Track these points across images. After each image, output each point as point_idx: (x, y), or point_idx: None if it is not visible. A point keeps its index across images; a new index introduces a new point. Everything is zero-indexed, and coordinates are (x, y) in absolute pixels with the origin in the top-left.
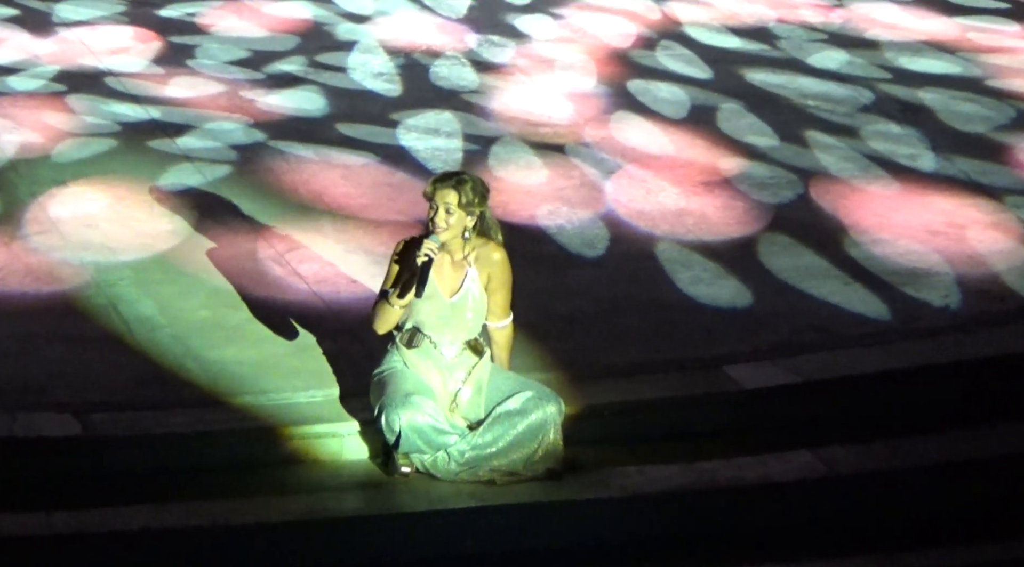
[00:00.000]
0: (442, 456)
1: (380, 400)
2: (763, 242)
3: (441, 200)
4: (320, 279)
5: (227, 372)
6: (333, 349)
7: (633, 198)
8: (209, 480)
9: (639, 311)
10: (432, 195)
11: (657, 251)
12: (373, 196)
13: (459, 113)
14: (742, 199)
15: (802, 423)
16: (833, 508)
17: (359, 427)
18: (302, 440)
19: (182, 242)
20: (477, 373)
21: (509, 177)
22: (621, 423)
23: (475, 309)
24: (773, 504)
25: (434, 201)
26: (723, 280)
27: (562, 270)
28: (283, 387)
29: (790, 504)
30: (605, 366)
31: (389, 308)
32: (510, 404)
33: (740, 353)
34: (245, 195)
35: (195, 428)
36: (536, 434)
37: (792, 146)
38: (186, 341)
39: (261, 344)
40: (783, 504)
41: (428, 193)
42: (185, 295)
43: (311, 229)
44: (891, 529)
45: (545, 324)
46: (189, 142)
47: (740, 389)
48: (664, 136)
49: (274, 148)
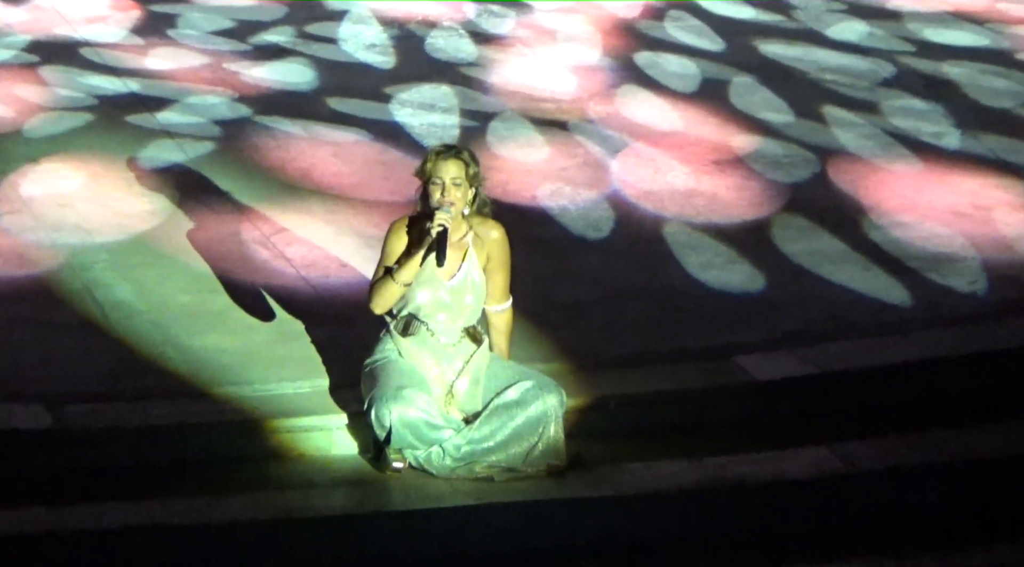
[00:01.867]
0: (437, 451)
1: (371, 393)
2: (778, 224)
3: (445, 174)
4: (308, 263)
5: (209, 361)
6: (322, 337)
7: (640, 178)
8: (190, 475)
9: (646, 297)
10: (433, 171)
11: (665, 234)
12: (365, 175)
13: (456, 87)
14: (756, 179)
15: (818, 416)
16: (850, 506)
17: (349, 420)
18: (288, 434)
19: (162, 223)
20: (475, 362)
21: (509, 155)
22: (627, 416)
23: (475, 292)
24: (787, 502)
25: (435, 177)
26: (735, 265)
27: (565, 254)
28: (268, 377)
29: (805, 502)
30: (610, 355)
31: (391, 285)
32: (509, 395)
33: (753, 342)
34: (229, 173)
35: (175, 420)
36: (536, 427)
37: (809, 122)
38: (166, 328)
39: (245, 332)
40: (797, 502)
41: (428, 169)
42: (165, 279)
43: (299, 210)
44: (911, 529)
45: (546, 311)
46: (170, 117)
47: (752, 380)
48: (673, 112)
49: (260, 124)
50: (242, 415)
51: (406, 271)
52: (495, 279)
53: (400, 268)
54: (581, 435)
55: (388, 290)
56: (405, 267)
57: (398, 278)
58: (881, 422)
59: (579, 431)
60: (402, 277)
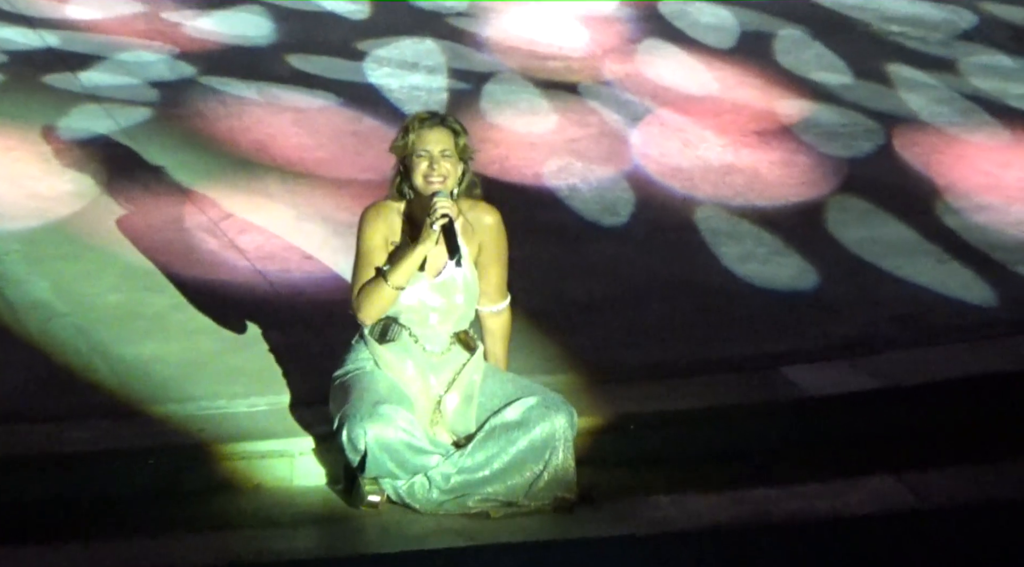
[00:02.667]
0: (421, 482)
1: (342, 410)
2: (833, 208)
3: (433, 145)
4: (265, 254)
5: (144, 374)
6: (282, 344)
7: (666, 152)
8: (120, 513)
9: (673, 296)
10: (416, 142)
11: (697, 220)
12: (333, 148)
13: (443, 42)
14: (806, 153)
15: (883, 440)
16: (923, 547)
17: (315, 444)
18: (242, 461)
19: (86, 207)
20: (467, 374)
21: (508, 125)
22: (650, 439)
23: (466, 290)
24: (846, 543)
25: (420, 149)
26: (781, 257)
27: (575, 244)
28: (217, 393)
29: (867, 543)
30: (629, 366)
31: (384, 289)
32: (508, 414)
33: (803, 350)
34: (168, 147)
35: (102, 446)
36: (541, 453)
37: (871, 84)
38: (92, 333)
39: (189, 338)
40: (858, 543)
41: (410, 141)
42: (91, 275)
43: (254, 190)
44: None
45: (553, 313)
46: (96, 78)
47: (803, 396)
48: (707, 72)
49: (206, 86)
50: (185, 439)
51: (400, 272)
52: (489, 274)
53: (393, 269)
54: (595, 463)
55: (381, 296)
56: (399, 268)
57: (392, 280)
58: (960, 447)
59: (593, 458)
60: (396, 280)
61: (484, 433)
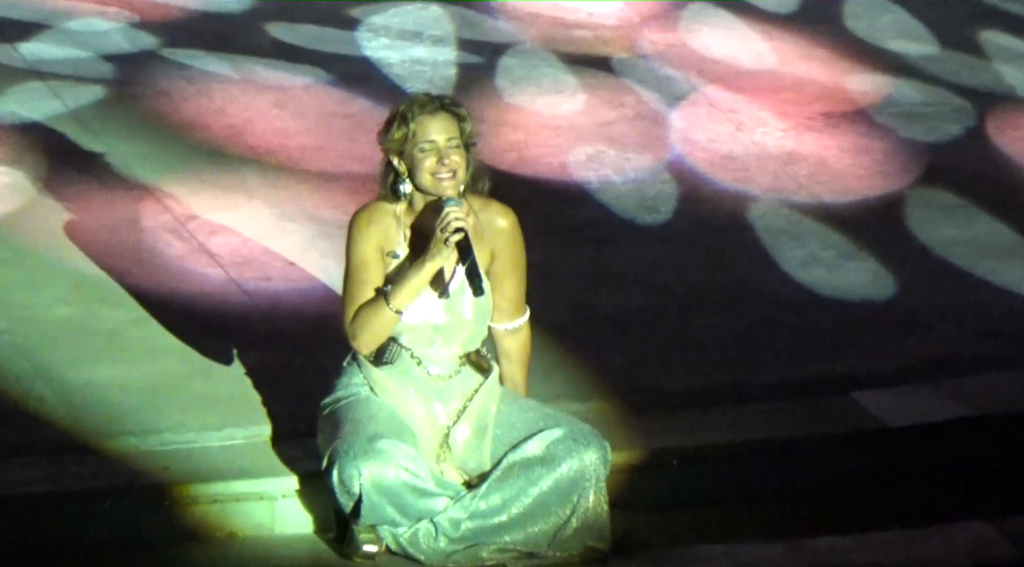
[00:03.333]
0: (426, 529)
1: (332, 445)
2: (913, 202)
3: (439, 134)
4: (241, 259)
5: (98, 402)
6: (261, 365)
7: (715, 137)
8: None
9: (724, 308)
10: (419, 131)
11: (752, 217)
12: (321, 134)
13: (452, 7)
14: (881, 137)
15: (973, 479)
16: None
17: (300, 485)
18: (214, 505)
19: (28, 204)
20: (480, 402)
21: (528, 105)
22: (697, 478)
23: (476, 306)
24: None
25: (423, 139)
26: (852, 261)
27: (607, 247)
28: (185, 424)
29: None
30: (671, 392)
31: (385, 313)
32: (529, 449)
33: (877, 372)
34: (126, 132)
35: (49, 487)
36: (569, 495)
37: (960, 55)
38: (36, 354)
39: (151, 359)
40: None
41: (411, 129)
42: (34, 284)
43: (227, 185)
44: None
45: (581, 328)
46: (39, 50)
47: (879, 427)
48: (762, 42)
49: (170, 60)
50: (146, 479)
51: (404, 294)
52: (504, 286)
53: (395, 290)
54: (632, 506)
55: (381, 321)
56: (402, 288)
57: (394, 303)
58: None
59: (629, 500)
60: (399, 302)
61: (501, 471)
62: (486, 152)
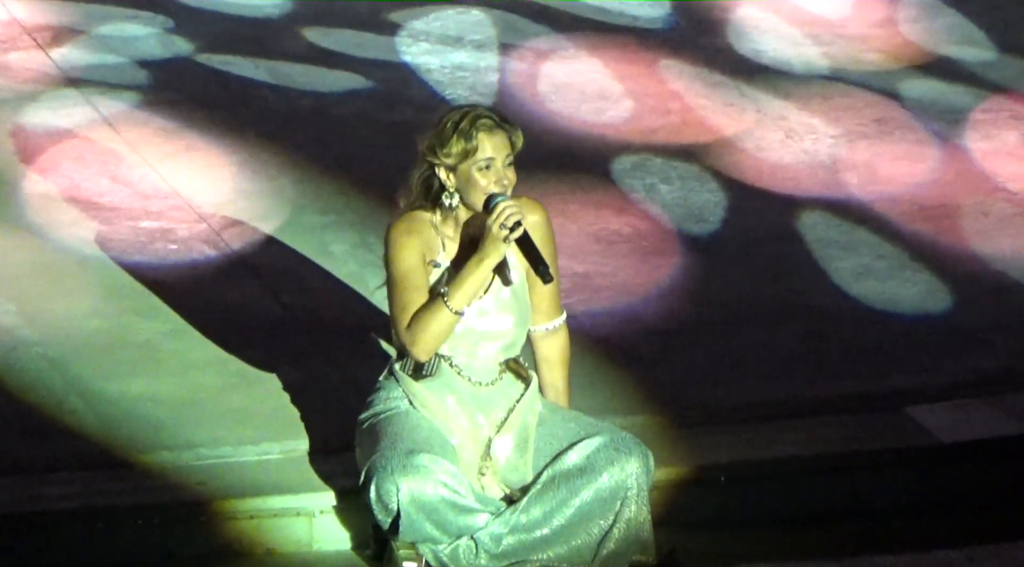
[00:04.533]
0: (467, 544)
1: (370, 461)
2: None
3: (498, 152)
4: (277, 270)
5: (133, 415)
6: (298, 379)
7: (764, 145)
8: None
9: (774, 321)
10: (479, 150)
11: (802, 227)
12: (360, 140)
13: (494, 11)
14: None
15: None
16: None
17: (337, 500)
18: (250, 521)
19: (60, 214)
20: (520, 415)
21: (571, 112)
22: (745, 494)
23: (517, 307)
24: None
25: (480, 159)
26: (906, 272)
27: (653, 257)
28: (221, 438)
29: None
30: (719, 406)
31: (444, 315)
32: (570, 459)
33: (933, 387)
34: (160, 138)
35: (81, 503)
36: (610, 506)
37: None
38: (68, 367)
39: (186, 371)
40: None
41: (469, 147)
42: (67, 295)
43: (264, 192)
44: None
45: (626, 341)
46: (72, 56)
47: (934, 443)
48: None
49: (206, 66)
50: (181, 495)
51: (463, 294)
52: (540, 285)
53: (454, 291)
54: (677, 521)
55: (441, 323)
56: (461, 288)
57: (453, 304)
58: None
59: (674, 515)
60: (458, 302)
61: (542, 483)
62: (529, 160)
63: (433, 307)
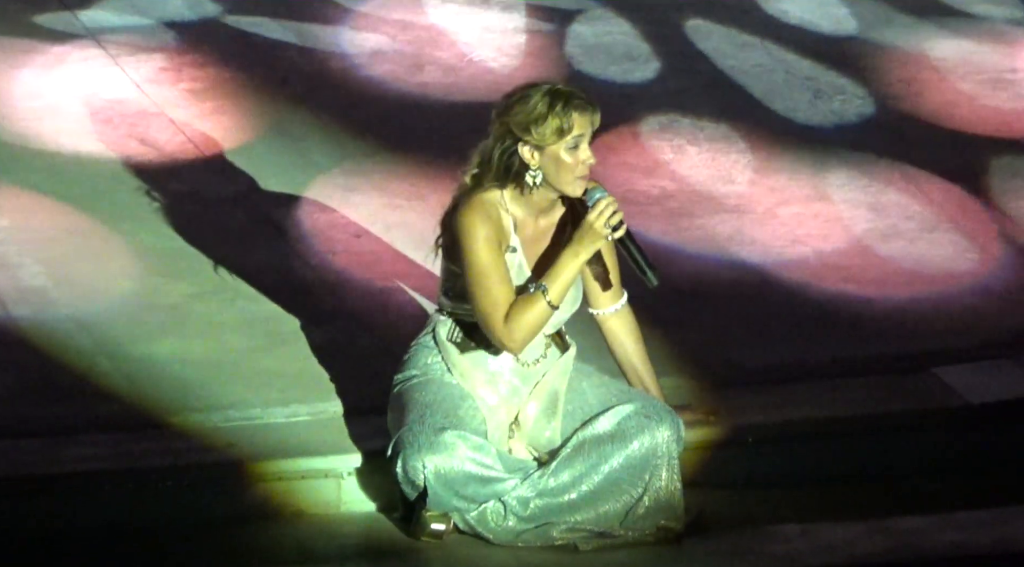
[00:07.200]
0: (495, 507)
1: (398, 433)
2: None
3: (586, 129)
4: (306, 232)
5: (162, 377)
6: (325, 341)
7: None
8: (133, 546)
9: (803, 282)
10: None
11: (830, 188)
12: (388, 104)
13: None
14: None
15: None
16: None
17: (364, 462)
18: (279, 482)
19: (89, 177)
20: (551, 379)
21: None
22: (773, 456)
23: (573, 291)
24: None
25: (569, 137)
26: (933, 233)
27: (681, 218)
28: (249, 400)
29: None
30: (748, 367)
31: (544, 309)
32: (600, 425)
33: (961, 348)
34: (187, 100)
35: (111, 464)
36: (641, 472)
37: None
38: (97, 329)
39: (215, 333)
40: None
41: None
42: (95, 257)
43: (291, 154)
44: None
45: (654, 303)
46: (99, 17)
47: (962, 404)
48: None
49: (233, 27)
50: (210, 456)
51: (560, 286)
52: (599, 268)
53: (552, 284)
54: (707, 484)
55: (540, 318)
56: (558, 281)
57: (553, 296)
58: None
59: (704, 478)
60: (557, 295)
61: (571, 448)
62: None
63: (533, 301)
